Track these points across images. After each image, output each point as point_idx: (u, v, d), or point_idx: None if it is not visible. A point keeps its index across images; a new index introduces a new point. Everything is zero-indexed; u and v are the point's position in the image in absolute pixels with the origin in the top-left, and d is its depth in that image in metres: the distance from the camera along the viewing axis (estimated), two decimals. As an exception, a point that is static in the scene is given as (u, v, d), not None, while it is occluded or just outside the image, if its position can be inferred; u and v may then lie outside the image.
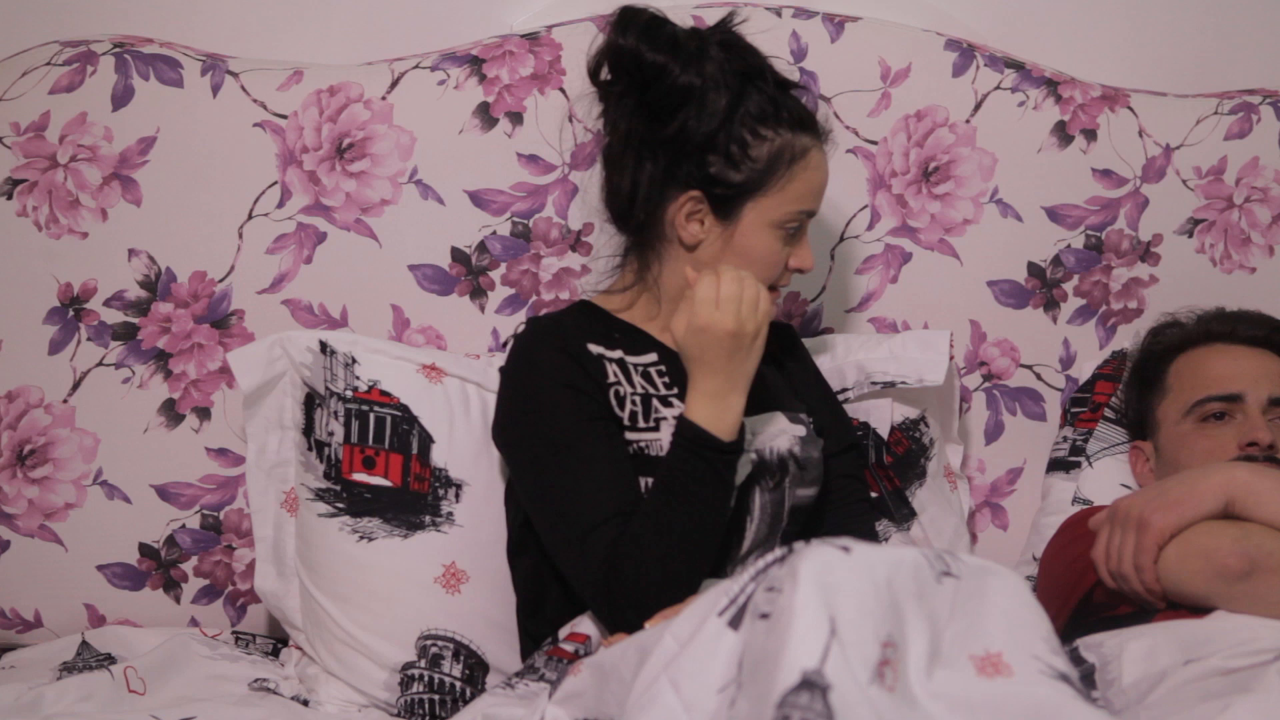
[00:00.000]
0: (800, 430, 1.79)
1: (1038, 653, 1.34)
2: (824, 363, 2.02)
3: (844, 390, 2.03)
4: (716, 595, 1.32)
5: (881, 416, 2.03)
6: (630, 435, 1.70)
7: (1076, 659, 1.60)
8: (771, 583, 1.27)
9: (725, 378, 1.60)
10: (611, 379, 1.72)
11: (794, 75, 1.83)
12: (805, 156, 1.74)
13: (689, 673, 1.30)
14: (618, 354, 1.75)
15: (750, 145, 1.72)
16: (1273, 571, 1.57)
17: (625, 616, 1.60)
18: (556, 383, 1.70)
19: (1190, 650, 1.52)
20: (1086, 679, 1.56)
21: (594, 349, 1.73)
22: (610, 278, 1.87)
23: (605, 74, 1.78)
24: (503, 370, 1.78)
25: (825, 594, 1.24)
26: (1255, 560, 1.57)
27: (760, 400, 1.80)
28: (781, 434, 1.76)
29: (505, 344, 2.03)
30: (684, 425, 1.61)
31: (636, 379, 1.74)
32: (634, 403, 1.72)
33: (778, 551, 1.32)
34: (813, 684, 1.19)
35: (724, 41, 1.76)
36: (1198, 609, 1.60)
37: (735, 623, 1.28)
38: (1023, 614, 1.37)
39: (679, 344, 1.63)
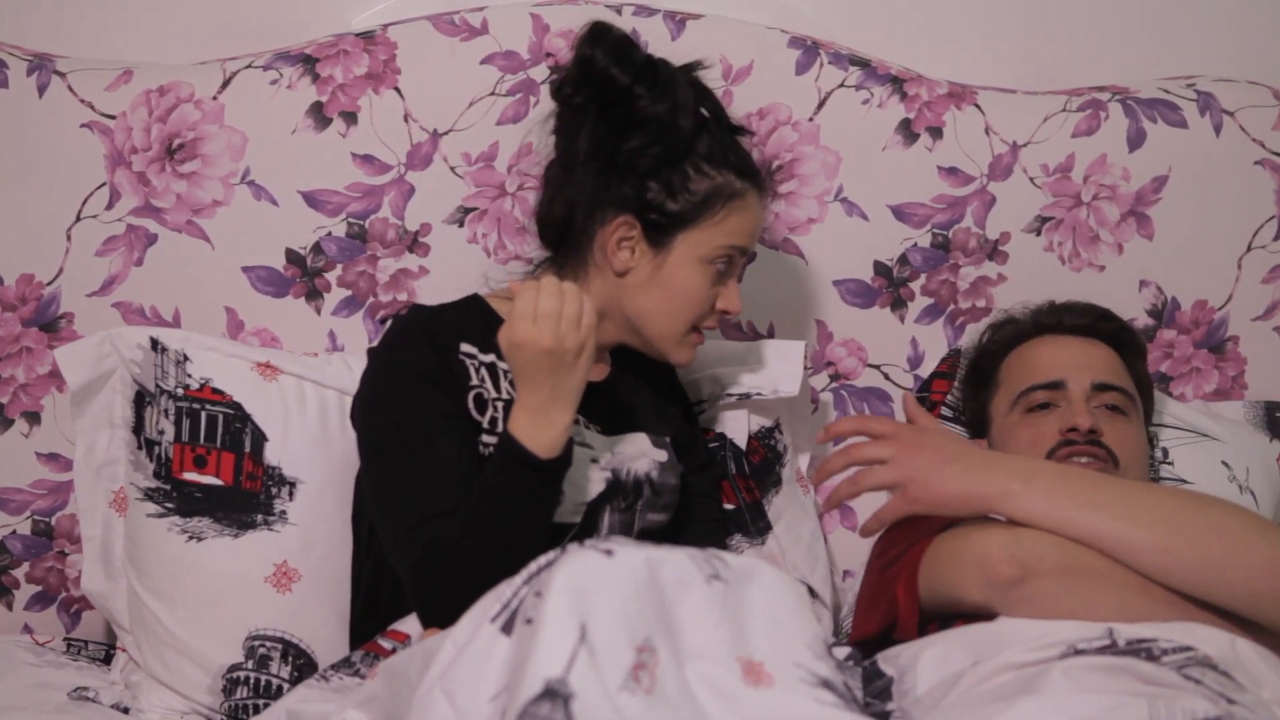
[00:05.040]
0: (661, 455, 1.78)
1: (799, 659, 1.33)
2: (679, 374, 2.00)
3: (700, 402, 2.02)
4: (491, 600, 1.32)
5: (738, 427, 2.03)
6: (488, 439, 1.69)
7: (876, 673, 1.58)
8: (539, 587, 1.26)
9: (548, 394, 1.57)
10: (475, 382, 1.71)
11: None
12: (743, 198, 1.76)
13: (462, 681, 1.29)
14: (490, 358, 1.73)
15: (691, 179, 1.73)
16: (1045, 575, 1.55)
17: (436, 616, 1.58)
18: (416, 374, 1.68)
19: (982, 651, 1.51)
20: (884, 692, 1.55)
21: (466, 348, 1.72)
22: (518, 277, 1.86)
23: (569, 88, 1.77)
24: (371, 350, 1.77)
25: (578, 600, 1.23)
26: (1026, 565, 1.56)
27: (626, 420, 1.80)
28: (641, 456, 1.76)
29: (342, 346, 2.02)
30: (504, 438, 1.59)
31: (504, 385, 1.72)
32: (495, 408, 1.70)
33: (549, 555, 1.30)
34: (555, 693, 1.18)
35: (691, 81, 1.78)
36: (985, 616, 1.59)
37: (508, 628, 1.27)
38: (785, 619, 1.36)
39: (505, 356, 1.61)
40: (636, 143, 1.72)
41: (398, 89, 1.99)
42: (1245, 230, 2.15)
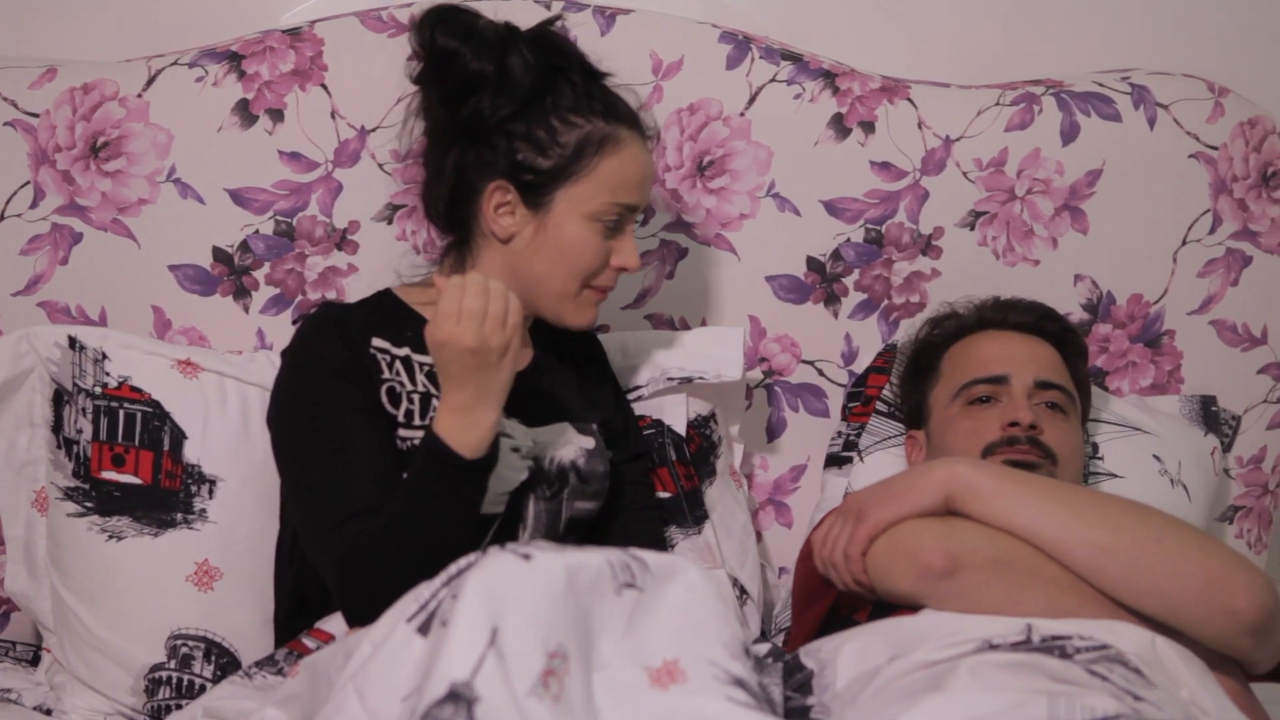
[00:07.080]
0: (588, 443, 1.76)
1: (714, 657, 1.33)
2: (616, 360, 2.00)
3: (638, 387, 2.00)
4: (409, 601, 1.31)
5: (677, 413, 2.01)
6: (404, 432, 1.68)
7: (797, 666, 1.57)
8: (456, 590, 1.26)
9: (472, 392, 1.55)
10: (388, 376, 1.70)
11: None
12: (618, 145, 1.73)
13: (375, 680, 1.28)
14: (404, 351, 1.72)
15: (559, 132, 1.71)
16: (976, 569, 1.55)
17: (360, 615, 1.57)
18: (329, 371, 1.68)
19: (900, 647, 1.50)
20: (805, 686, 1.54)
21: (378, 343, 1.71)
22: (426, 270, 1.86)
23: (417, 70, 1.77)
24: (284, 351, 1.76)
25: (491, 604, 1.23)
26: (958, 558, 1.56)
27: (550, 410, 1.79)
28: (567, 445, 1.74)
29: (270, 345, 2.01)
30: (429, 437, 1.58)
31: (420, 378, 1.71)
32: (410, 400, 1.70)
33: (470, 557, 1.30)
34: (459, 696, 1.18)
35: (535, 36, 1.76)
36: (913, 607, 1.59)
37: (425, 629, 1.27)
38: (703, 618, 1.36)
39: (430, 354, 1.59)
40: (473, 105, 1.71)
41: (325, 86, 1.98)
42: (1180, 224, 2.14)
